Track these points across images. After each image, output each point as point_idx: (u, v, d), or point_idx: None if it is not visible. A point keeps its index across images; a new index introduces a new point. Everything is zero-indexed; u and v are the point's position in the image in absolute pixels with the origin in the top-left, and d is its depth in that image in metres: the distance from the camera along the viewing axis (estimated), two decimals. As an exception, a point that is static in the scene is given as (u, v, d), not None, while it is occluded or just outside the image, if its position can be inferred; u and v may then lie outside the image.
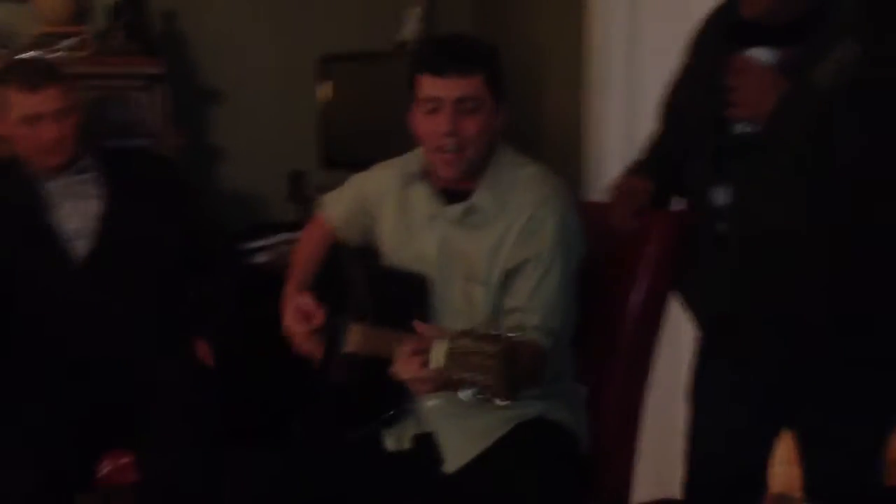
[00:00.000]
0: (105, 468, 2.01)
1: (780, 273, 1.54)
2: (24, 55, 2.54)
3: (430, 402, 1.75)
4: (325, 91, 3.12)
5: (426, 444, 1.74)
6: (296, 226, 3.01)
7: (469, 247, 1.72)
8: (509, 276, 1.69)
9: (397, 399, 1.75)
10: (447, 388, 1.35)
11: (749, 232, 1.55)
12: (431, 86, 1.63)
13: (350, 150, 3.09)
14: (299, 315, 1.81)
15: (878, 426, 1.61)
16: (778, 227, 1.51)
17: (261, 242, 2.89)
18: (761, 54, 1.49)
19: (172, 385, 2.06)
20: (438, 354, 1.31)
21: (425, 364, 1.35)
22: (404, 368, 1.40)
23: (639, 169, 1.82)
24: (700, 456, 1.78)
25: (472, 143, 1.65)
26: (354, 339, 1.70)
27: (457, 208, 1.72)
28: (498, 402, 1.28)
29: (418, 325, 1.45)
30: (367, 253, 1.94)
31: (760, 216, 1.53)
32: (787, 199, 1.49)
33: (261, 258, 2.87)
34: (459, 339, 1.31)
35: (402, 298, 1.75)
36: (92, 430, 2.01)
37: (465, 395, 1.30)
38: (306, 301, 1.81)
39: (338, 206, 1.97)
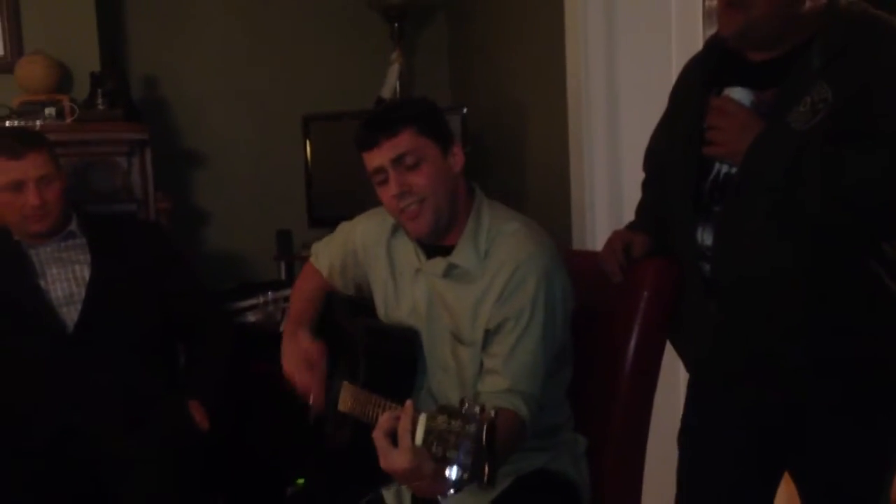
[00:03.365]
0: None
1: (758, 316, 1.54)
2: (5, 124, 2.54)
3: None
4: (308, 150, 3.14)
5: None
6: (284, 284, 3.02)
7: (454, 301, 1.70)
8: (489, 335, 1.66)
9: None
10: (431, 467, 1.26)
11: (728, 274, 1.57)
12: (370, 159, 1.67)
13: (335, 208, 3.10)
14: (303, 362, 1.79)
15: (875, 469, 1.60)
16: (753, 270, 1.52)
17: (250, 302, 2.88)
18: (739, 94, 1.52)
19: (163, 451, 2.01)
20: (419, 431, 1.26)
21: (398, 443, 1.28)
22: (378, 446, 1.32)
23: (636, 226, 1.84)
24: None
25: (428, 193, 1.64)
26: (346, 399, 1.68)
27: (440, 264, 1.71)
28: (477, 484, 1.20)
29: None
30: (360, 305, 1.93)
31: (737, 258, 1.54)
32: (761, 242, 1.51)
33: (251, 318, 2.86)
34: (437, 415, 1.25)
35: (394, 356, 1.73)
36: (80, 498, 1.96)
37: (451, 472, 1.21)
38: (313, 348, 1.79)
39: (327, 257, 1.96)
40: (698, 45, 2.29)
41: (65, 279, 2.13)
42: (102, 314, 2.11)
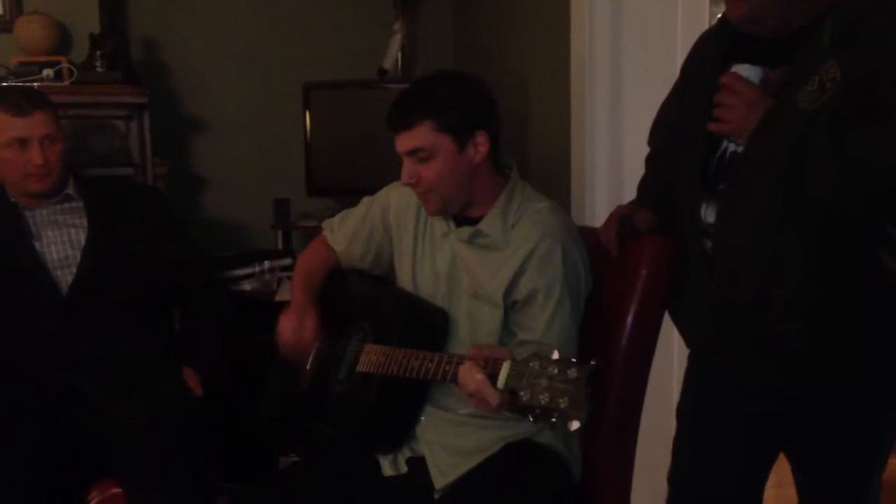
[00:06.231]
0: (93, 499, 1.96)
1: (757, 297, 1.53)
2: (2, 84, 2.52)
3: (422, 423, 1.76)
4: (308, 119, 3.12)
5: (420, 468, 1.74)
6: (281, 253, 3.02)
7: (476, 265, 1.75)
8: (518, 307, 1.70)
9: (404, 423, 1.76)
10: (510, 409, 1.39)
11: (729, 252, 1.56)
12: (395, 141, 1.72)
13: (334, 178, 3.09)
14: (296, 328, 1.86)
15: (870, 452, 1.61)
16: (754, 250, 1.51)
17: (246, 270, 2.88)
18: (747, 72, 1.51)
19: (159, 416, 2.01)
20: (503, 374, 1.37)
21: (488, 380, 1.41)
22: (469, 380, 1.45)
23: (637, 202, 1.84)
24: (686, 479, 1.77)
25: (434, 187, 1.71)
26: (372, 359, 1.71)
27: (466, 230, 1.76)
28: (573, 424, 1.30)
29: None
30: (379, 277, 1.96)
31: (739, 237, 1.53)
32: (763, 222, 1.49)
33: (246, 286, 2.85)
34: (529, 361, 1.36)
35: (431, 323, 1.77)
36: (77, 460, 1.96)
37: (530, 418, 1.34)
38: (310, 321, 1.86)
39: (348, 225, 1.97)
40: (704, 23, 2.27)
41: (60, 242, 2.12)
42: (97, 278, 2.10)
